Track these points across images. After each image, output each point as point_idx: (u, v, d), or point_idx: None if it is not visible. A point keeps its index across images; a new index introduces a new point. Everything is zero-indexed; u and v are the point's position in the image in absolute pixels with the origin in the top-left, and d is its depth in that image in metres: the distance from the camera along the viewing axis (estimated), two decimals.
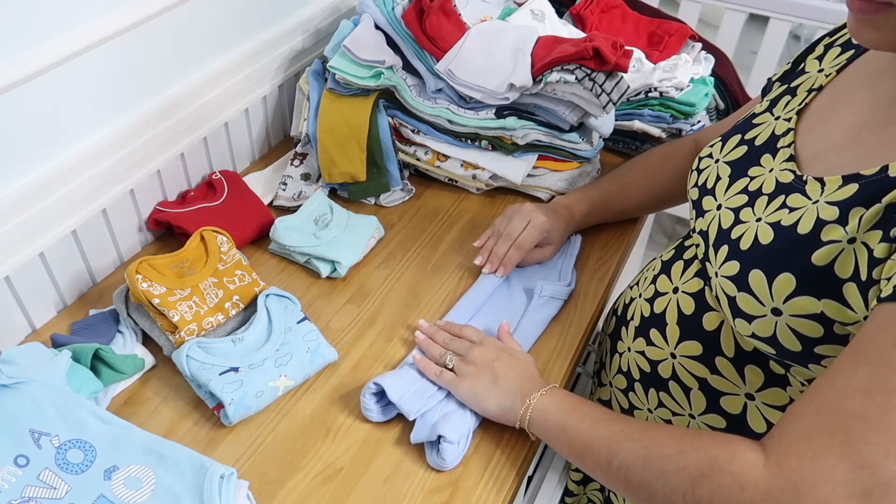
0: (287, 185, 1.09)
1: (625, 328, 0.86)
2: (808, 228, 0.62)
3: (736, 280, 0.66)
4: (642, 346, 0.81)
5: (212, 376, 0.77)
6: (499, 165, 1.08)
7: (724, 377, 0.73)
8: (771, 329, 0.64)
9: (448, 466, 0.74)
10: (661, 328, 0.79)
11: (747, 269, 0.65)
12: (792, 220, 0.64)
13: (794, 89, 0.77)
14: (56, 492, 0.63)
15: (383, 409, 0.78)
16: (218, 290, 0.87)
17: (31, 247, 0.83)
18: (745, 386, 0.72)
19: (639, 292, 0.85)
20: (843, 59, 0.74)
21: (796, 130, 0.72)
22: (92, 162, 0.86)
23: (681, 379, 0.77)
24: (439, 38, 1.05)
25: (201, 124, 1.02)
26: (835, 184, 0.62)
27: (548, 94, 1.02)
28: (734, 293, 0.67)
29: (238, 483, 0.66)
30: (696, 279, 0.76)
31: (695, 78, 1.17)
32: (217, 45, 1.02)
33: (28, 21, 0.75)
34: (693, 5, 1.87)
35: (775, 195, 0.68)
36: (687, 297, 0.76)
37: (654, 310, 0.80)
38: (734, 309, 0.67)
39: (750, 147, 0.75)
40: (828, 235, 0.60)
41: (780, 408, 0.71)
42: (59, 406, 0.68)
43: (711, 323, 0.73)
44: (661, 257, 0.86)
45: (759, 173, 0.72)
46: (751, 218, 0.69)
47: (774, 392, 0.71)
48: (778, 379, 0.70)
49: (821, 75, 0.75)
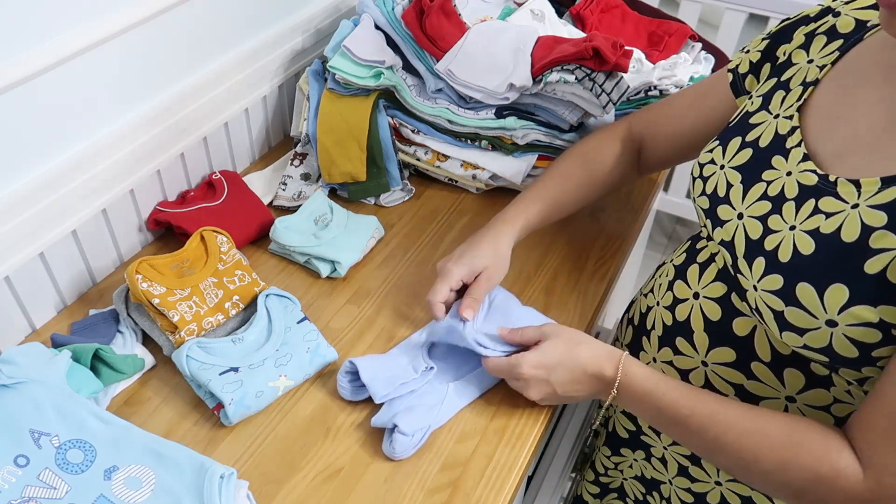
0: (287, 185, 1.09)
1: (646, 338, 0.83)
2: (854, 235, 0.60)
3: (782, 294, 0.64)
4: (669, 356, 0.79)
5: (212, 376, 0.77)
6: (499, 165, 1.08)
7: (761, 382, 0.72)
8: (826, 340, 0.62)
9: (397, 456, 0.74)
10: (687, 336, 0.77)
11: (793, 282, 0.63)
12: (832, 227, 0.62)
13: (786, 83, 0.74)
14: (56, 492, 0.63)
15: (355, 390, 0.80)
16: (218, 290, 0.87)
17: (31, 247, 0.83)
18: (786, 389, 0.70)
19: (655, 300, 0.83)
20: (833, 48, 0.71)
21: (803, 128, 0.69)
22: (92, 162, 0.86)
23: (715, 386, 0.75)
24: (439, 38, 1.05)
25: (201, 124, 1.02)
26: (873, 186, 0.60)
27: (548, 94, 1.02)
28: (781, 308, 0.64)
29: (238, 483, 0.66)
30: (717, 283, 0.74)
31: (694, 77, 1.17)
32: (217, 45, 1.02)
33: (27, 22, 0.75)
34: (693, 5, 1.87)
35: (803, 199, 0.66)
36: (711, 302, 0.74)
37: (677, 317, 0.78)
38: (782, 323, 0.65)
39: (755, 149, 0.73)
40: (878, 243, 0.58)
41: (823, 408, 0.69)
42: (59, 406, 0.68)
43: (743, 328, 0.71)
44: (673, 262, 0.83)
45: (776, 177, 0.69)
46: (782, 226, 0.66)
47: (817, 393, 0.69)
48: (820, 380, 0.68)
49: (812, 67, 0.72)
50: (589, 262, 1.01)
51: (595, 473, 0.99)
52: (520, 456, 0.76)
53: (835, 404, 0.69)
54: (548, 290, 0.96)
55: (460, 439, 0.77)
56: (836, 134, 0.67)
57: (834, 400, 0.68)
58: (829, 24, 0.73)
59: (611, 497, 0.98)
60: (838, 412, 0.69)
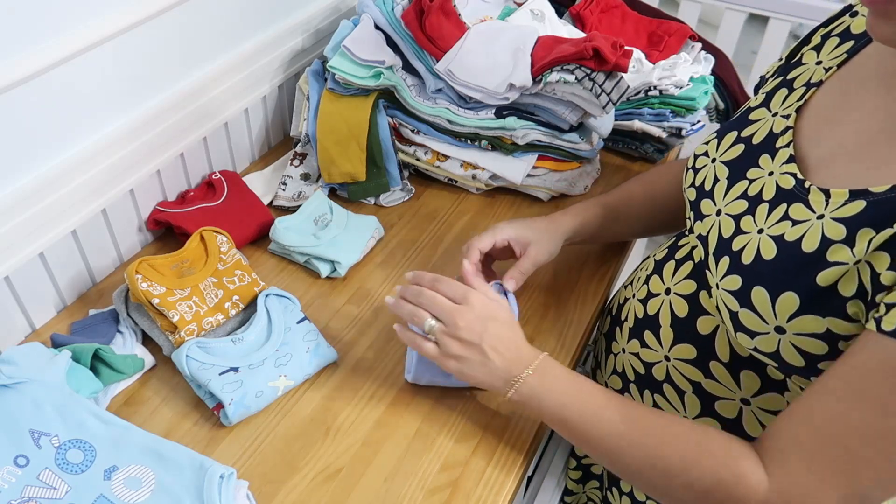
0: (287, 185, 1.09)
1: (619, 329, 0.85)
2: (813, 246, 0.60)
3: (738, 295, 0.65)
4: (636, 348, 0.81)
5: (211, 376, 0.77)
6: (499, 165, 1.08)
7: (718, 382, 0.72)
8: (774, 346, 0.63)
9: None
10: (654, 330, 0.78)
11: (750, 285, 0.64)
12: (795, 236, 0.62)
13: (791, 82, 0.74)
14: (56, 492, 0.63)
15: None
16: (218, 290, 0.87)
17: (31, 247, 0.83)
18: (741, 391, 0.71)
19: (632, 292, 0.84)
20: (843, 51, 0.70)
21: (796, 129, 0.69)
22: (92, 162, 0.86)
23: (675, 382, 0.76)
24: (439, 38, 1.05)
25: (201, 124, 1.02)
26: (841, 197, 0.60)
27: (548, 94, 1.02)
28: (736, 308, 0.65)
29: (238, 483, 0.66)
30: (688, 280, 0.75)
31: (694, 77, 1.17)
32: (217, 45, 1.02)
33: (27, 22, 0.75)
34: (693, 5, 1.87)
35: (776, 203, 0.65)
36: (680, 298, 0.75)
37: (648, 311, 0.79)
38: (736, 323, 0.66)
39: (747, 146, 0.72)
40: (834, 256, 0.58)
41: (776, 412, 0.70)
42: (58, 406, 0.68)
43: (706, 327, 0.72)
44: (655, 256, 0.84)
45: (759, 175, 0.69)
46: (752, 228, 0.66)
47: (771, 397, 0.70)
48: (775, 384, 0.69)
49: (819, 68, 0.71)
50: (589, 261, 1.01)
51: (576, 459, 1.00)
52: (519, 456, 0.76)
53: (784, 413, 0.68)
54: (548, 290, 0.96)
55: (460, 439, 0.77)
56: (827, 139, 0.66)
57: (787, 404, 0.68)
58: (845, 25, 0.72)
59: (592, 485, 0.99)
60: None
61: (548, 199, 1.11)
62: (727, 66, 1.25)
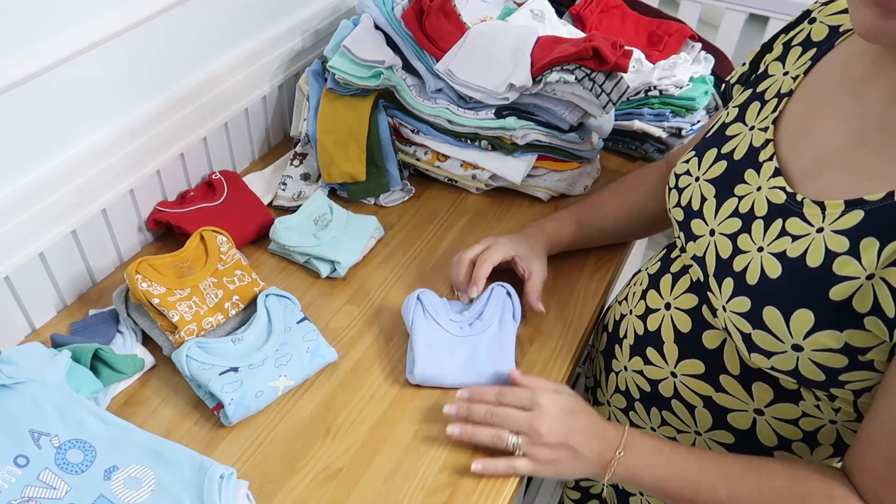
0: (287, 185, 1.09)
1: (618, 346, 0.84)
2: (818, 261, 0.59)
3: (749, 317, 0.64)
4: (639, 365, 0.79)
5: (211, 376, 0.77)
6: (498, 165, 1.07)
7: (730, 394, 0.71)
8: (792, 363, 0.62)
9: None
10: (657, 347, 0.77)
11: (760, 305, 0.63)
12: (798, 251, 0.61)
13: (761, 95, 0.73)
14: (56, 492, 0.63)
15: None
16: (218, 290, 0.87)
17: (31, 247, 0.83)
18: (754, 402, 0.70)
19: (629, 308, 0.83)
20: (807, 59, 0.70)
21: (776, 141, 0.68)
22: (92, 162, 0.86)
23: (684, 398, 0.75)
24: (439, 38, 1.05)
25: (201, 124, 1.02)
26: (837, 209, 0.59)
27: (547, 94, 1.02)
28: (749, 330, 0.64)
29: (238, 483, 0.66)
30: (688, 295, 0.74)
31: (694, 77, 1.17)
32: (216, 46, 1.02)
33: (27, 23, 0.75)
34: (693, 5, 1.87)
35: (771, 219, 0.65)
36: (681, 313, 0.74)
37: (648, 327, 0.78)
38: (750, 345, 0.65)
39: (729, 162, 0.71)
40: (843, 269, 0.58)
41: (791, 421, 0.69)
42: (58, 406, 0.68)
43: (712, 341, 0.71)
44: (647, 270, 0.83)
45: (747, 192, 0.68)
46: (751, 247, 0.65)
47: (785, 407, 0.69)
48: (789, 394, 0.68)
49: (787, 78, 0.71)
50: (589, 262, 1.01)
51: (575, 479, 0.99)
52: None
53: (803, 418, 0.68)
54: (548, 290, 0.96)
55: (460, 440, 0.77)
56: (806, 150, 0.65)
57: (802, 414, 0.68)
58: (805, 34, 0.72)
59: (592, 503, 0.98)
60: (806, 426, 0.69)
61: (548, 199, 1.11)
62: (727, 66, 1.25)
